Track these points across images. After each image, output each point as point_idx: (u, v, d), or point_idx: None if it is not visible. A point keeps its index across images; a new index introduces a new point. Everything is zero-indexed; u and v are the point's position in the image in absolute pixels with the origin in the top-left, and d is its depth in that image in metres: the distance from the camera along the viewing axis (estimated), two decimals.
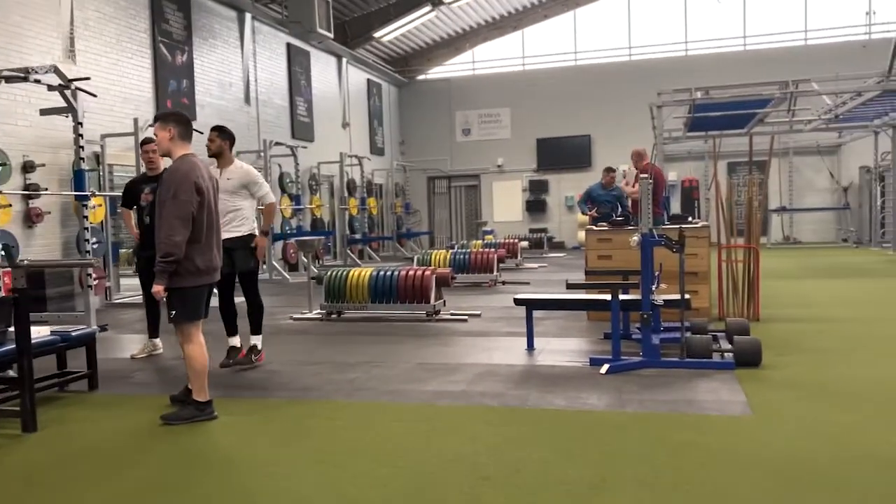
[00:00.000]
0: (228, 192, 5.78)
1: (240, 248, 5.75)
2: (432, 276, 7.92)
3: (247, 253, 5.76)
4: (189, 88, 12.40)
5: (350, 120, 18.74)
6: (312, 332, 7.50)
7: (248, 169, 5.90)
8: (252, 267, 5.84)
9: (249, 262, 5.79)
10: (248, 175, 5.84)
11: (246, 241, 5.79)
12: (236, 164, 5.89)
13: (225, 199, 5.79)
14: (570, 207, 21.14)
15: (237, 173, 5.83)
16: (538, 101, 21.18)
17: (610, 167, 10.73)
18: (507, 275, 12.34)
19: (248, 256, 5.77)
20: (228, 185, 5.79)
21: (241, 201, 5.80)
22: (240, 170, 5.85)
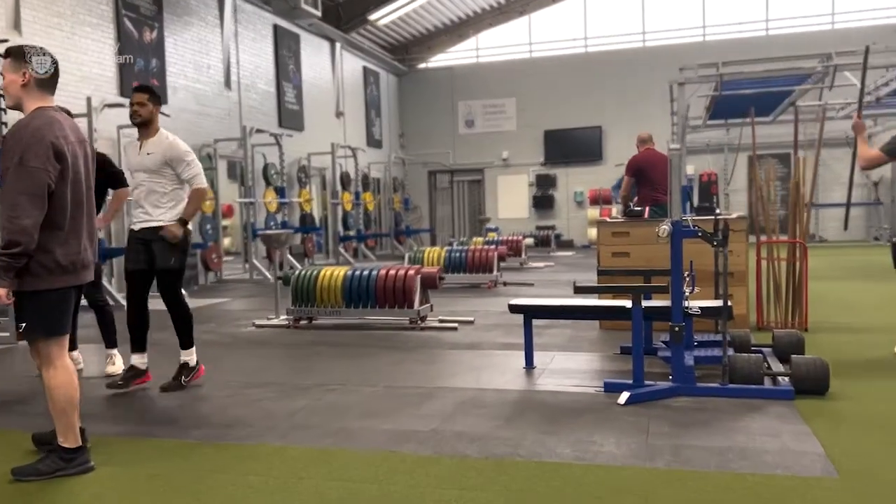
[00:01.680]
0: (148, 171, 4.65)
1: (160, 240, 4.59)
2: (416, 276, 6.72)
3: (168, 247, 4.60)
4: (159, 69, 11.26)
5: (344, 109, 17.57)
6: (272, 343, 6.32)
7: (174, 142, 4.74)
8: (174, 265, 4.67)
9: (170, 258, 4.63)
10: (172, 149, 4.67)
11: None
12: (161, 135, 4.74)
13: (143, 178, 4.67)
14: (579, 203, 19.92)
15: (160, 147, 4.67)
16: (546, 91, 19.96)
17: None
18: (510, 275, 11.14)
19: (169, 251, 4.62)
20: (148, 160, 4.64)
21: (164, 182, 4.65)
22: (164, 142, 4.70)
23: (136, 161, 4.71)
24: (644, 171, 7.47)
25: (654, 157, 7.62)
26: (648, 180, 7.38)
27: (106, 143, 10.00)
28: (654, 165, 7.40)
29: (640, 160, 7.65)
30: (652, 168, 7.40)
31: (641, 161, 7.62)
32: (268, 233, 7.42)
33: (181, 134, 11.52)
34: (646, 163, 7.52)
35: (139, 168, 4.68)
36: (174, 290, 4.74)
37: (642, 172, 7.48)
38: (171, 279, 4.70)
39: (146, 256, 4.61)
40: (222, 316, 8.15)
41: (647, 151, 7.70)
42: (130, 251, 4.71)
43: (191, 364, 4.78)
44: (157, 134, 4.72)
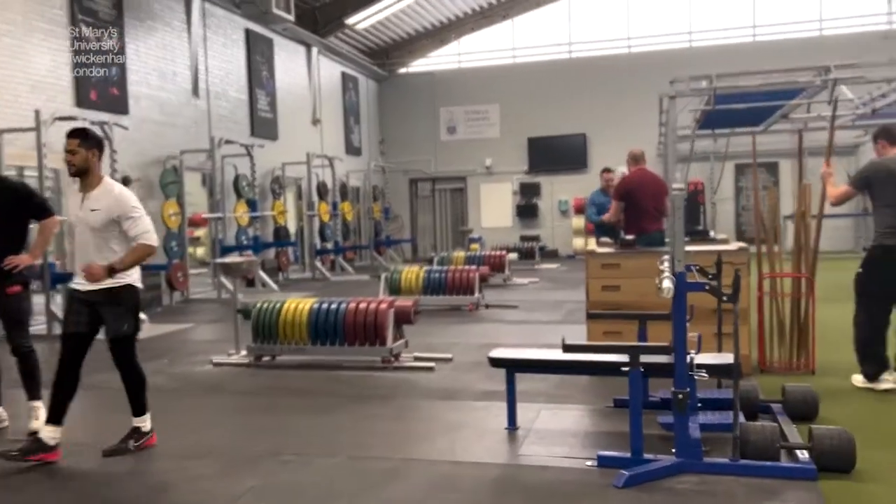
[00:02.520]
0: (93, 229, 4.02)
1: (108, 303, 4.02)
2: (389, 311, 6.15)
3: (118, 312, 4.02)
4: (120, 77, 10.60)
5: (321, 116, 16.95)
6: (227, 390, 5.71)
7: (120, 196, 4.10)
8: (127, 331, 4.08)
9: (122, 324, 4.05)
10: (119, 205, 4.04)
11: (117, 295, 4.03)
12: (105, 187, 4.11)
13: (87, 236, 4.04)
14: (563, 212, 19.43)
15: (104, 202, 4.04)
16: (529, 97, 19.44)
17: (607, 168, 9.02)
18: (493, 294, 10.59)
19: (119, 317, 4.04)
20: (92, 218, 4.02)
21: (111, 240, 4.04)
22: (108, 197, 4.06)
23: (77, 216, 4.09)
24: (632, 195, 6.74)
25: (644, 178, 6.86)
26: (636, 206, 6.65)
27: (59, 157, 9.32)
28: (642, 188, 6.71)
29: (629, 183, 6.93)
30: (640, 191, 6.70)
31: (630, 183, 6.89)
32: (225, 261, 6.81)
33: (144, 145, 10.97)
34: (636, 185, 6.80)
35: (82, 224, 4.06)
36: (128, 357, 4.18)
37: (630, 197, 6.78)
38: (125, 346, 4.14)
39: (89, 319, 4.03)
40: (179, 348, 7.52)
41: (638, 172, 6.93)
42: (71, 312, 4.12)
43: (143, 429, 4.21)
44: (100, 185, 4.09)
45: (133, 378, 4.19)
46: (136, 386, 4.20)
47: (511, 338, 7.49)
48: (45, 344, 7.79)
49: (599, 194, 9.02)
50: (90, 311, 4.03)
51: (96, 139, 4.16)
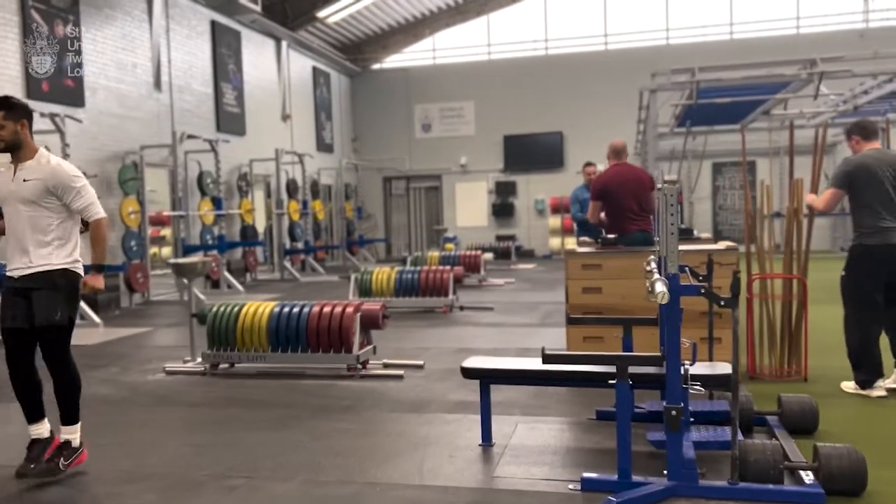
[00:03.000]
0: (26, 202, 3.63)
1: (41, 287, 3.59)
2: (355, 315, 5.73)
3: (52, 297, 3.58)
4: (75, 68, 10.03)
5: (291, 112, 16.44)
6: (176, 400, 5.25)
7: (58, 166, 3.72)
8: (59, 320, 3.64)
9: (54, 311, 3.61)
10: (56, 175, 3.66)
11: (52, 279, 3.60)
12: (40, 157, 3.71)
13: (21, 211, 3.65)
14: (540, 212, 19.12)
15: (40, 172, 3.65)
16: (505, 95, 19.11)
17: (589, 162, 8.65)
18: (468, 294, 10.21)
19: (52, 303, 3.60)
20: (25, 189, 3.63)
21: (48, 216, 3.65)
22: (45, 167, 3.67)
23: (8, 190, 3.66)
24: (610, 195, 6.10)
25: (625, 174, 6.18)
26: (615, 206, 6.04)
27: None
28: (622, 186, 6.07)
29: (606, 180, 6.20)
30: (620, 190, 6.06)
31: (608, 181, 6.17)
32: (178, 262, 6.33)
33: (102, 140, 10.40)
34: (614, 183, 6.11)
35: (14, 199, 3.64)
36: (60, 352, 3.73)
37: (608, 196, 6.11)
38: (57, 338, 3.70)
39: (26, 312, 3.61)
40: (133, 354, 7.03)
41: (618, 168, 6.25)
42: (6, 306, 3.69)
43: (73, 444, 3.76)
44: (34, 156, 3.69)
45: (65, 379, 3.74)
46: (69, 389, 3.76)
47: (486, 342, 7.11)
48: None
49: (584, 189, 8.63)
50: (27, 303, 3.62)
51: (23, 108, 3.76)
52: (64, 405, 3.76)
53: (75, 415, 3.79)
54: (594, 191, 6.30)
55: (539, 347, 6.12)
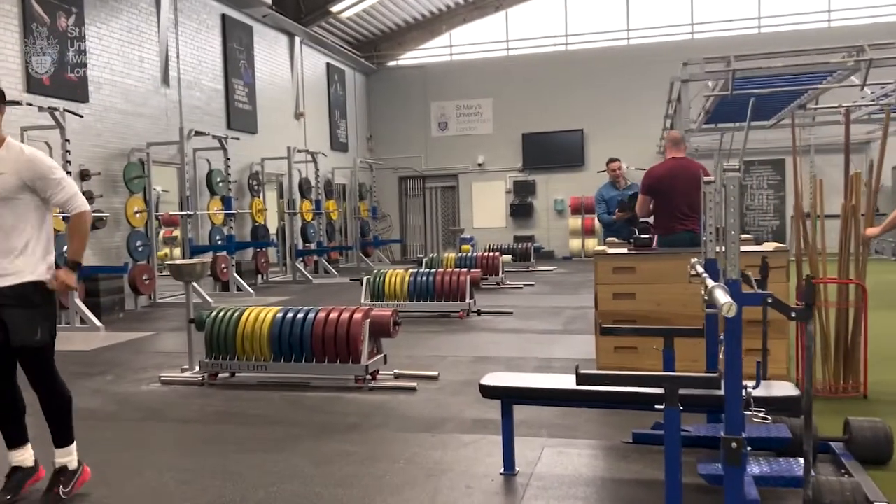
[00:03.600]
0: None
1: (14, 305, 3.14)
2: (364, 321, 5.26)
3: (28, 316, 3.15)
4: (79, 62, 9.66)
5: (305, 110, 16.03)
6: (168, 415, 4.80)
7: (33, 156, 3.24)
8: (40, 339, 3.20)
9: (32, 332, 3.17)
10: (33, 166, 3.20)
11: (26, 295, 3.16)
12: (10, 145, 3.23)
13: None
14: (559, 212, 18.57)
15: (12, 164, 3.17)
16: (524, 92, 18.59)
17: (613, 158, 8.06)
18: (485, 298, 9.71)
19: (30, 322, 3.16)
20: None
21: (19, 215, 3.19)
22: (18, 158, 3.19)
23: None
24: (662, 191, 5.54)
25: (679, 170, 5.53)
26: (665, 203, 5.51)
27: None
28: (675, 182, 5.46)
29: (660, 175, 5.61)
30: (672, 185, 5.47)
31: (661, 177, 5.58)
32: (176, 263, 5.90)
33: (106, 136, 10.01)
34: (667, 179, 5.54)
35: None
36: (44, 371, 3.30)
37: (659, 192, 5.57)
38: (38, 358, 3.27)
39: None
40: (130, 361, 6.61)
41: (673, 163, 5.62)
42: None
43: (70, 467, 3.37)
44: (3, 145, 3.20)
45: (52, 398, 3.31)
46: (58, 408, 3.34)
47: (506, 350, 6.61)
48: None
49: (609, 188, 8.04)
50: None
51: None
52: (55, 426, 3.34)
53: (69, 435, 3.37)
54: (645, 184, 5.67)
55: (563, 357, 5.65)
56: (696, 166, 5.49)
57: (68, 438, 3.36)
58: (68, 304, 8.60)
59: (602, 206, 8.03)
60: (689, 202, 5.38)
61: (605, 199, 8.00)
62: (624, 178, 8.02)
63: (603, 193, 8.00)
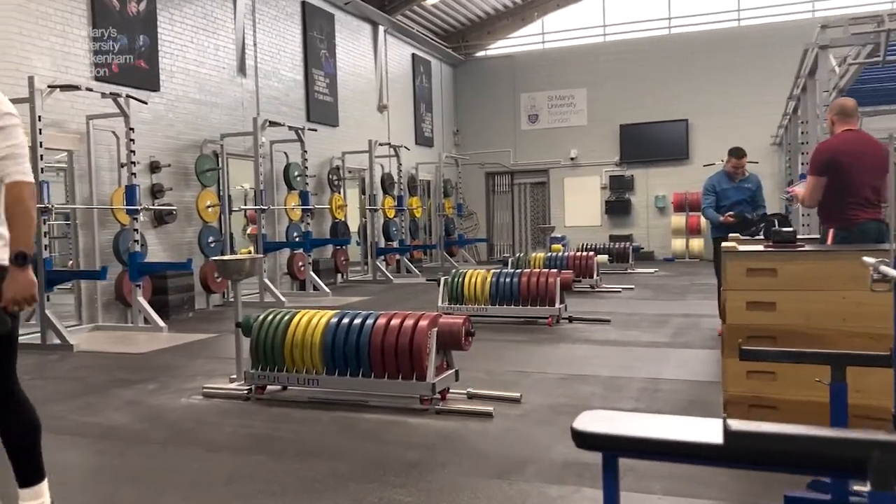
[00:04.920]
0: None
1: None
2: (429, 329, 4.36)
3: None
4: (150, 49, 9.26)
5: (388, 102, 15.37)
6: (196, 438, 4.05)
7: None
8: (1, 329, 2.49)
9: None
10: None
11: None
12: None
13: None
14: (660, 209, 17.15)
15: None
16: (621, 80, 17.29)
17: (738, 148, 6.81)
18: (578, 302, 8.66)
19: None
20: None
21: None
22: None
23: None
24: (841, 169, 4.31)
25: (861, 143, 4.40)
26: (843, 185, 4.31)
27: (65, 138, 8.02)
28: (858, 159, 4.30)
29: (837, 149, 4.38)
30: (855, 163, 4.30)
31: (839, 150, 4.37)
32: (223, 259, 5.22)
33: (178, 127, 9.48)
34: (847, 154, 4.33)
35: None
36: (6, 382, 2.58)
37: (839, 170, 4.31)
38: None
39: None
40: (182, 367, 5.98)
41: (851, 135, 4.43)
42: None
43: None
44: None
45: (14, 423, 2.59)
46: (21, 436, 2.62)
47: (603, 366, 5.57)
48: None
49: (723, 178, 6.82)
50: None
51: None
52: (18, 460, 2.61)
53: (36, 471, 2.64)
54: (819, 161, 4.39)
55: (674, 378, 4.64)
56: (876, 141, 4.27)
57: (36, 474, 2.64)
58: (131, 302, 8.16)
59: (710, 197, 6.79)
60: (874, 185, 4.17)
61: (715, 190, 6.78)
62: (744, 170, 6.77)
63: (714, 183, 6.80)
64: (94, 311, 8.33)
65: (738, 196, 6.63)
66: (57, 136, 7.92)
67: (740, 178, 6.71)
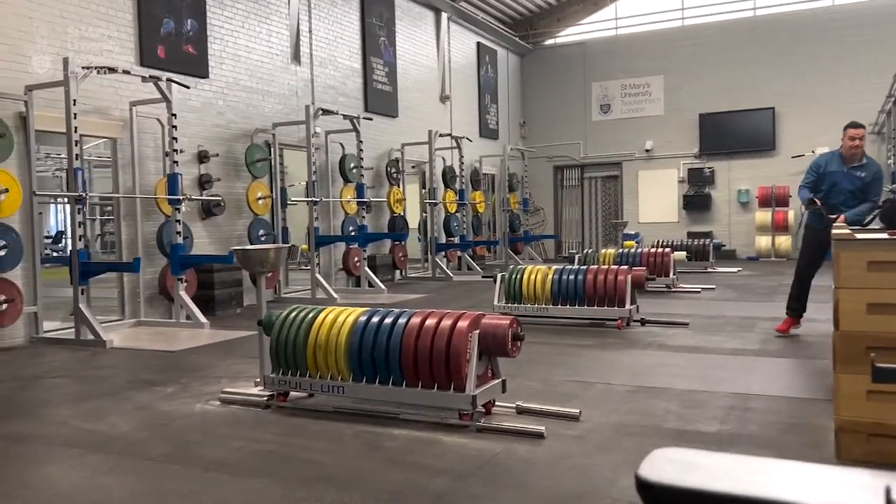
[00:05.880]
0: None
1: None
2: (469, 332, 3.69)
3: None
4: (198, 34, 8.91)
5: (451, 93, 14.75)
6: (197, 454, 3.49)
7: None
8: None
9: None
10: None
11: None
12: None
13: None
14: (743, 204, 15.92)
15: None
16: (701, 67, 16.16)
17: (856, 123, 5.77)
18: (652, 304, 7.82)
19: None
20: None
21: None
22: None
23: None
24: None
25: None
26: None
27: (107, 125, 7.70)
28: None
29: None
30: None
31: None
32: (245, 249, 4.69)
33: (228, 116, 8.99)
34: None
35: None
36: None
37: None
38: None
39: None
40: (210, 367, 5.49)
41: None
42: None
43: None
44: None
45: None
46: None
47: (679, 378, 4.77)
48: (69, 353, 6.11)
49: (835, 160, 5.73)
50: None
51: None
52: None
53: None
54: None
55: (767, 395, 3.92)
56: None
57: None
58: (174, 296, 7.80)
59: (811, 177, 5.79)
60: None
61: (820, 171, 5.78)
62: (862, 152, 5.72)
63: (821, 163, 5.79)
64: (136, 305, 8.01)
65: (846, 184, 5.61)
66: (99, 122, 7.63)
67: (856, 164, 5.68)
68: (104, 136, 7.80)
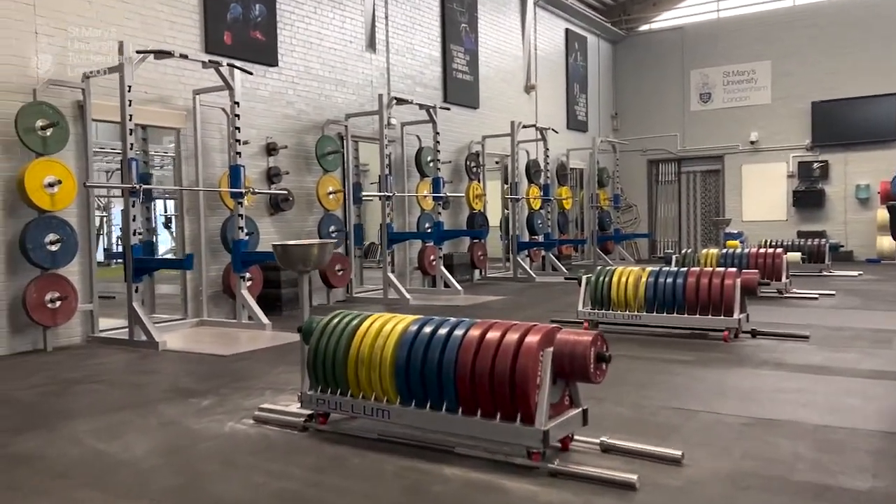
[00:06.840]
0: None
1: None
2: (540, 349, 2.95)
3: None
4: (267, 19, 8.49)
5: (537, 83, 13.91)
6: (208, 494, 2.89)
7: None
8: None
9: None
10: None
11: None
12: None
13: None
14: (862, 201, 14.35)
15: None
16: (814, 50, 14.67)
17: None
18: (763, 312, 6.79)
19: None
20: None
21: None
22: None
23: None
24: None
25: None
26: None
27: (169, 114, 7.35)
28: None
29: None
30: None
31: None
32: (285, 245, 4.09)
33: (299, 106, 8.45)
34: None
35: None
36: None
37: None
38: None
39: None
40: (257, 376, 4.95)
41: None
42: None
43: None
44: None
45: None
46: None
47: (806, 405, 3.85)
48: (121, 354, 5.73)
49: None
50: None
51: None
52: None
53: None
54: None
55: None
56: None
57: None
58: (235, 295, 7.38)
59: None
60: None
61: None
62: None
63: None
64: (199, 304, 7.65)
65: None
66: (161, 112, 7.29)
67: None
68: (166, 125, 7.47)
